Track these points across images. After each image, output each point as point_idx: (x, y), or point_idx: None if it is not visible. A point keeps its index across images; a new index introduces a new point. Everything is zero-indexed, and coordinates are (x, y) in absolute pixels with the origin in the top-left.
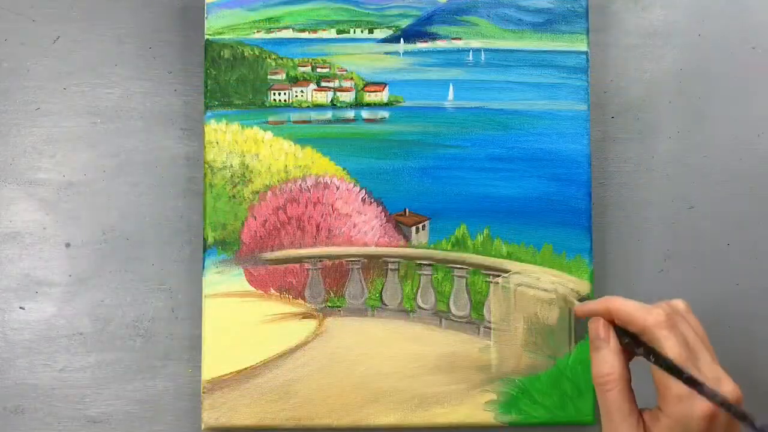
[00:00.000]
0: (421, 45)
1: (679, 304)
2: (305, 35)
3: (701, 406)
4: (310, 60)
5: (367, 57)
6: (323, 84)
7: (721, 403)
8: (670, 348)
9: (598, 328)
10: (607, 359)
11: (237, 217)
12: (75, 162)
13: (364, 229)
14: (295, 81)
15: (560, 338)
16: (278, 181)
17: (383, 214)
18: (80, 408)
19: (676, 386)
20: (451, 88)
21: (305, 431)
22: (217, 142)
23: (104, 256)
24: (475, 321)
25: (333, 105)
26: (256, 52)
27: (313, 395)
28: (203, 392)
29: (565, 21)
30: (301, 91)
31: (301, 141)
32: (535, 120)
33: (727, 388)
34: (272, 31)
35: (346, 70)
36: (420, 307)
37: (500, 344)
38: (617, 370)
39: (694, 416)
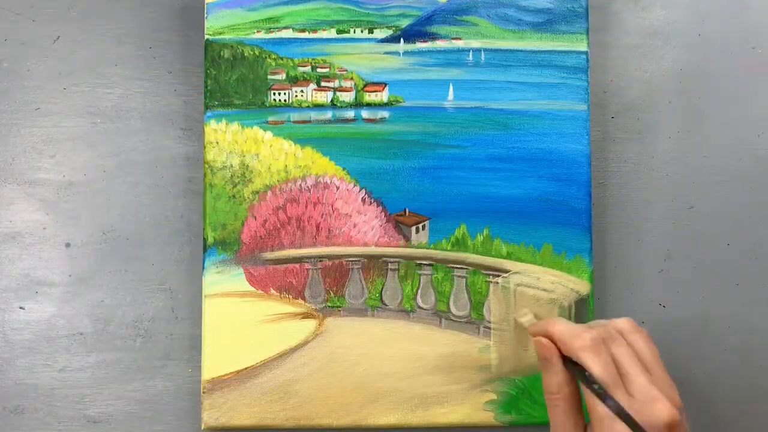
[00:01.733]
0: (421, 45)
1: (622, 324)
2: (305, 35)
3: (620, 429)
4: (310, 60)
5: (367, 57)
6: (323, 84)
7: (617, 412)
8: (594, 370)
9: (543, 349)
10: (553, 380)
11: (237, 217)
12: (75, 162)
13: (364, 229)
14: (295, 81)
15: None
16: (278, 181)
17: (383, 214)
18: (80, 408)
19: (600, 408)
20: (451, 88)
21: (305, 431)
22: (217, 142)
23: (104, 256)
24: (475, 321)
25: (333, 105)
26: (256, 52)
27: (313, 395)
28: (203, 392)
29: (565, 21)
30: (301, 91)
31: (301, 141)
32: (535, 120)
33: (656, 407)
34: (272, 31)
35: (346, 70)
36: (420, 307)
37: (500, 344)
38: (563, 389)
39: None
